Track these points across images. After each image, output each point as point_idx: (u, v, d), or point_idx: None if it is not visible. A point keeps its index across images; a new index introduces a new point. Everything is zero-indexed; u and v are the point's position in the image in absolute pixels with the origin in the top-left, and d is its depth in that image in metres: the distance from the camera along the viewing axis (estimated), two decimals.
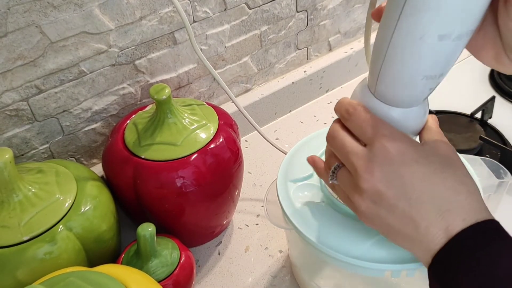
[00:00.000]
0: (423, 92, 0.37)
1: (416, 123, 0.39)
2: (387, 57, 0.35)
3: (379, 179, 0.35)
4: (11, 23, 0.51)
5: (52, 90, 0.57)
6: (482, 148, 0.69)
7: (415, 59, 0.34)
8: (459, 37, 0.32)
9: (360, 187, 0.36)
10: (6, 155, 0.44)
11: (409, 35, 0.33)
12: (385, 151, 0.35)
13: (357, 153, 0.37)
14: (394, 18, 0.33)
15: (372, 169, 0.35)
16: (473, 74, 0.86)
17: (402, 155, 0.35)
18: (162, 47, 0.64)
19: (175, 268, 0.50)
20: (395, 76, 0.36)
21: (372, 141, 0.36)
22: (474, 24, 0.32)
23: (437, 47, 0.33)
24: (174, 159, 0.52)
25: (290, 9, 0.74)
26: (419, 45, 0.33)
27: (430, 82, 0.36)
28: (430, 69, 0.34)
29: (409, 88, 0.36)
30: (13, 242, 0.44)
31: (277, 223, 0.47)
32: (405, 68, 0.35)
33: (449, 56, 0.34)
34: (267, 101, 0.78)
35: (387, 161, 0.35)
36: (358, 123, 0.37)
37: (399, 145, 0.35)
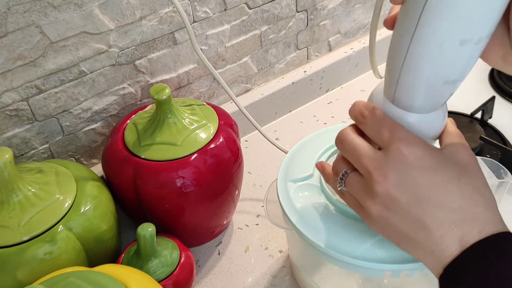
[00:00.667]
0: (444, 97, 0.36)
1: (435, 128, 0.38)
2: (405, 66, 0.34)
3: (393, 183, 0.34)
4: (11, 23, 0.51)
5: (52, 90, 0.57)
6: (482, 148, 0.69)
7: (435, 66, 0.33)
8: (480, 40, 0.32)
9: (373, 191, 0.35)
10: (6, 155, 0.44)
11: (429, 43, 0.32)
12: (401, 155, 0.34)
13: (371, 156, 0.36)
14: (411, 27, 0.32)
15: (387, 172, 0.34)
16: (473, 74, 0.85)
17: (419, 160, 0.34)
18: (162, 47, 0.64)
19: (175, 268, 0.50)
20: (416, 84, 0.35)
21: (388, 144, 0.35)
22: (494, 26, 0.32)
23: (458, 52, 0.32)
24: (174, 159, 0.52)
25: (290, 9, 0.74)
26: (439, 52, 0.32)
27: (451, 86, 0.35)
28: (451, 74, 0.34)
29: (430, 94, 0.35)
30: (13, 242, 0.44)
31: (277, 223, 0.47)
32: (425, 75, 0.34)
33: (470, 60, 0.33)
34: (267, 101, 0.78)
35: (402, 166, 0.34)
36: (374, 126, 0.36)
37: (416, 150, 0.34)
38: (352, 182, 0.38)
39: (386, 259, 0.39)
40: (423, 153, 0.34)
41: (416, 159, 0.34)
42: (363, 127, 0.37)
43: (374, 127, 0.36)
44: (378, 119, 0.36)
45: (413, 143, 0.35)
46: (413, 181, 0.34)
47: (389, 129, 0.35)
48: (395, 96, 0.37)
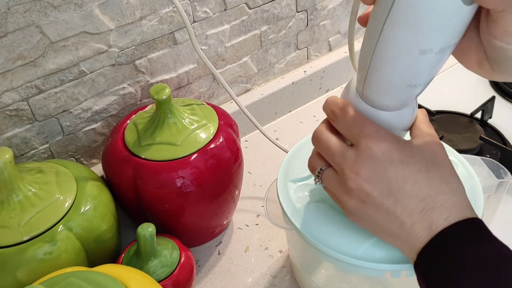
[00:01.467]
0: (409, 98, 0.37)
1: (404, 123, 0.40)
2: (371, 67, 0.35)
3: (365, 179, 0.36)
4: (11, 23, 0.51)
5: (52, 90, 0.57)
6: (482, 148, 0.69)
7: (398, 71, 0.34)
8: (441, 50, 0.32)
9: (347, 187, 0.37)
10: (6, 155, 0.44)
11: (391, 48, 0.33)
12: (370, 151, 0.36)
13: (343, 153, 0.37)
14: (377, 31, 0.33)
15: (358, 169, 0.36)
16: (473, 74, 0.85)
17: (387, 154, 0.36)
18: (162, 47, 0.64)
19: (175, 268, 0.50)
20: (380, 85, 0.36)
21: (357, 141, 0.37)
22: (457, 38, 0.32)
23: (420, 61, 0.33)
24: (174, 159, 0.52)
25: (290, 9, 0.74)
26: (401, 59, 0.33)
27: (416, 89, 0.36)
28: (414, 79, 0.35)
29: (395, 95, 0.37)
30: (13, 242, 0.44)
31: (277, 223, 0.47)
32: (389, 78, 0.35)
33: (433, 67, 0.34)
34: (267, 101, 0.78)
35: (372, 161, 0.36)
36: (344, 123, 0.38)
37: (384, 145, 0.36)
38: (328, 178, 0.40)
39: (386, 259, 0.39)
40: (391, 147, 0.36)
41: (384, 154, 0.36)
42: (335, 125, 0.39)
43: (344, 124, 0.38)
44: (348, 117, 0.38)
45: (381, 139, 0.36)
46: (383, 175, 0.36)
47: (359, 126, 0.37)
48: (363, 92, 0.38)
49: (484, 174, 0.48)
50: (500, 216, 0.54)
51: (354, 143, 0.37)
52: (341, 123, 0.38)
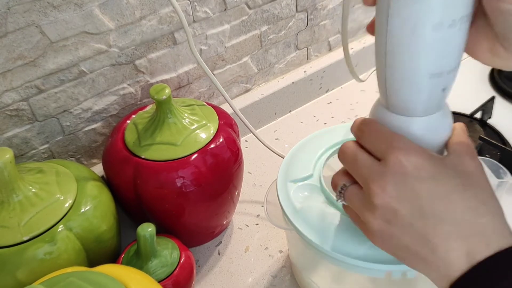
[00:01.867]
0: (435, 94, 0.35)
1: (438, 135, 0.37)
2: (388, 63, 0.34)
3: (392, 195, 0.33)
4: (11, 23, 0.51)
5: (52, 90, 0.57)
6: (482, 148, 0.69)
7: (415, 57, 0.33)
8: (453, 23, 0.31)
9: (372, 203, 0.34)
10: (6, 155, 0.44)
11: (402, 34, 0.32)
12: (400, 165, 0.33)
13: (369, 167, 0.34)
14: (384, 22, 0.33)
15: (386, 184, 0.33)
16: (473, 74, 0.86)
17: (418, 170, 0.32)
18: (162, 47, 0.64)
19: (175, 268, 0.50)
20: (402, 80, 0.34)
21: (386, 155, 0.34)
22: (467, 7, 0.31)
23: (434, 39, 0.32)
24: (174, 159, 0.52)
25: (290, 9, 0.74)
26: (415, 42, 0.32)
27: (440, 80, 0.34)
28: (434, 64, 0.33)
29: (418, 90, 0.34)
30: (13, 242, 0.44)
31: (277, 223, 0.47)
32: (408, 69, 0.33)
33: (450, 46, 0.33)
34: (267, 101, 0.78)
35: (401, 176, 0.33)
36: (372, 138, 0.36)
37: (415, 159, 0.33)
38: (351, 195, 0.37)
39: (386, 259, 0.39)
40: (423, 162, 0.33)
41: (415, 168, 0.33)
42: (362, 142, 0.37)
43: (371, 139, 0.36)
44: (374, 131, 0.36)
45: (412, 153, 0.33)
46: (413, 192, 0.32)
47: (387, 140, 0.34)
48: (388, 100, 0.36)
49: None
50: None
51: (382, 157, 0.34)
52: (368, 138, 0.36)
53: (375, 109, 0.39)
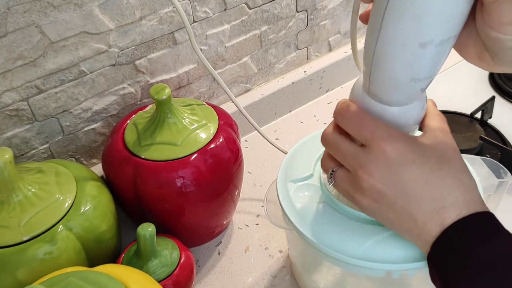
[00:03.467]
0: (414, 93, 0.37)
1: (413, 118, 0.40)
2: (374, 62, 0.35)
3: (378, 180, 0.37)
4: (11, 23, 0.51)
5: (52, 90, 0.57)
6: (482, 148, 0.69)
7: (400, 65, 0.34)
8: (441, 43, 0.32)
9: (360, 186, 0.38)
10: (6, 155, 0.44)
11: (392, 42, 0.33)
12: (383, 153, 0.36)
13: (355, 155, 0.38)
14: (377, 26, 0.33)
15: (371, 170, 0.37)
16: (473, 74, 0.86)
17: (400, 155, 0.36)
18: (162, 47, 0.64)
19: (175, 268, 0.50)
20: (384, 80, 0.36)
21: (370, 143, 0.37)
22: (456, 30, 0.32)
23: (421, 54, 0.33)
24: (174, 159, 0.52)
25: (290, 9, 0.74)
26: (402, 52, 0.33)
27: (420, 83, 0.36)
28: (417, 73, 0.35)
29: (400, 90, 0.37)
30: (13, 242, 0.44)
31: (277, 223, 0.47)
32: (392, 73, 0.35)
33: (435, 61, 0.34)
34: (267, 101, 0.78)
35: (385, 163, 0.36)
36: (354, 125, 0.38)
37: (396, 146, 0.36)
38: (340, 178, 0.40)
39: (386, 258, 0.39)
40: (404, 148, 0.36)
41: (398, 155, 0.36)
42: (344, 127, 0.39)
43: (354, 126, 0.38)
44: (357, 119, 0.38)
45: (393, 140, 0.37)
46: (396, 176, 0.36)
47: (370, 128, 0.37)
48: (369, 89, 0.38)
49: (484, 174, 0.48)
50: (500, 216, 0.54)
51: (366, 145, 0.38)
52: (351, 125, 0.39)
53: (356, 91, 0.40)
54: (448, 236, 0.35)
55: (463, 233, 0.34)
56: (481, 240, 0.34)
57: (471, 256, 0.33)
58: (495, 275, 0.32)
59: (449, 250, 0.34)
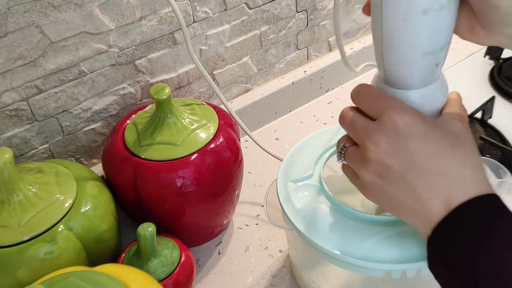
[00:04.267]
0: (430, 69, 0.37)
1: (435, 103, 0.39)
2: (384, 44, 0.36)
3: (385, 150, 0.35)
4: (11, 23, 0.51)
5: (52, 90, 0.57)
6: (482, 148, 0.69)
7: (408, 39, 0.34)
8: (441, 6, 0.33)
9: (366, 158, 0.36)
10: (6, 155, 0.44)
11: (395, 19, 0.34)
12: (393, 123, 0.35)
13: (365, 126, 0.37)
14: (378, 8, 0.34)
15: (379, 140, 0.35)
16: (473, 74, 0.86)
17: (410, 127, 0.35)
18: (162, 47, 0.64)
19: (175, 268, 0.50)
20: (397, 58, 0.36)
21: (380, 114, 0.36)
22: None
23: (424, 22, 0.33)
24: (174, 159, 0.52)
25: (290, 9, 0.74)
26: (407, 25, 0.34)
27: (433, 57, 0.36)
28: (427, 44, 0.35)
29: (414, 67, 0.36)
30: (13, 242, 0.44)
31: (277, 223, 0.47)
32: (403, 50, 0.35)
33: (442, 27, 0.34)
34: (267, 101, 0.78)
35: (394, 133, 0.35)
36: (368, 100, 0.38)
37: (408, 118, 0.35)
38: (349, 154, 0.39)
39: (386, 258, 0.39)
40: (415, 121, 0.35)
41: (407, 126, 0.35)
42: (359, 104, 0.39)
43: (367, 102, 0.38)
44: (371, 94, 0.38)
45: (405, 112, 0.35)
46: (404, 148, 0.35)
47: (382, 100, 0.37)
48: (385, 76, 0.38)
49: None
50: None
51: (377, 117, 0.37)
52: (364, 101, 0.38)
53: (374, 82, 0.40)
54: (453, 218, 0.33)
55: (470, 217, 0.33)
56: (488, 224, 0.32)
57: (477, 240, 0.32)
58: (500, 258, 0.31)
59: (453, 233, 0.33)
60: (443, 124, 0.37)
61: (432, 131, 0.35)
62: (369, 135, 0.36)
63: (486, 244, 0.32)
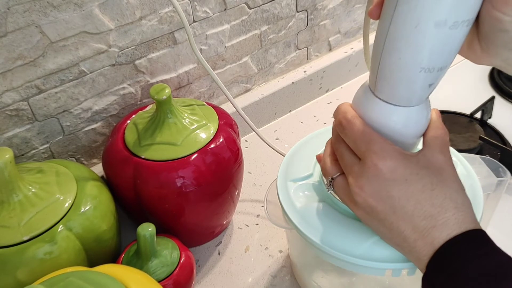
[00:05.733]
0: (422, 87, 0.37)
1: (417, 126, 0.39)
2: (385, 48, 0.35)
3: (369, 194, 0.37)
4: (11, 23, 0.51)
5: (52, 90, 0.57)
6: (482, 148, 0.69)
7: (412, 48, 0.34)
8: (455, 25, 0.32)
9: (354, 199, 0.38)
10: (6, 155, 0.44)
11: (405, 23, 0.33)
12: (376, 168, 0.36)
13: (352, 167, 0.38)
14: (391, 8, 0.33)
15: (363, 184, 0.37)
16: (473, 74, 0.86)
17: (392, 172, 0.36)
18: (162, 47, 0.64)
19: (175, 268, 0.50)
20: (394, 68, 0.36)
21: (364, 157, 0.37)
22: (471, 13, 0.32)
23: (434, 36, 0.33)
24: (174, 159, 0.52)
25: (290, 9, 0.74)
26: (415, 34, 0.33)
27: (429, 76, 0.35)
28: (428, 60, 0.34)
29: (408, 81, 0.36)
30: (13, 242, 0.44)
31: (277, 223, 0.47)
32: (403, 59, 0.35)
33: (447, 46, 0.34)
34: (267, 101, 0.78)
35: (376, 178, 0.36)
36: (352, 138, 0.39)
37: (389, 163, 0.36)
38: (338, 186, 0.41)
39: (386, 258, 0.39)
40: (396, 165, 0.36)
41: (389, 171, 0.36)
42: (343, 137, 0.40)
43: (352, 139, 0.39)
44: (355, 131, 0.38)
45: (387, 156, 0.36)
46: (386, 193, 0.36)
47: (366, 142, 0.37)
48: (376, 84, 0.38)
49: (483, 173, 0.48)
50: (499, 215, 0.54)
51: (361, 158, 0.38)
52: (348, 137, 0.39)
53: (361, 93, 0.40)
54: (440, 256, 0.35)
55: (454, 253, 0.34)
56: (474, 256, 0.33)
57: (461, 278, 0.33)
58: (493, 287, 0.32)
59: (440, 272, 0.34)
60: (425, 159, 0.37)
61: (414, 174, 0.36)
62: (354, 177, 0.38)
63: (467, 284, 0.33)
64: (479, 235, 0.35)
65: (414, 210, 0.36)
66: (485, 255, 0.34)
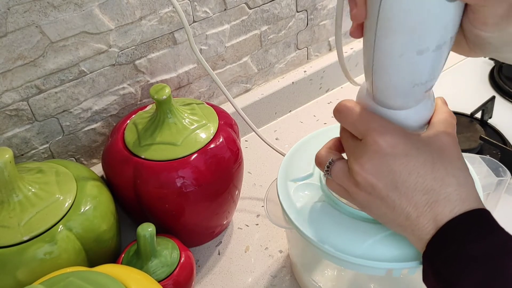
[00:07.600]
0: (419, 96, 0.37)
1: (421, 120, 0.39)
2: (374, 71, 0.36)
3: (370, 172, 0.37)
4: (11, 23, 0.51)
5: (52, 90, 0.57)
6: (482, 148, 0.69)
7: (400, 73, 0.34)
8: (438, 47, 0.33)
9: (355, 180, 0.38)
10: (6, 155, 0.44)
11: (388, 54, 0.33)
12: (376, 144, 0.36)
13: (353, 149, 0.38)
14: (371, 39, 0.34)
15: (364, 162, 0.37)
16: (473, 74, 0.86)
17: (392, 147, 0.36)
18: (162, 47, 0.64)
19: (175, 268, 0.50)
20: (387, 88, 0.36)
21: (364, 136, 0.37)
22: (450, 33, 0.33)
23: (419, 61, 0.33)
24: (174, 159, 0.52)
25: (290, 9, 0.74)
26: (400, 62, 0.33)
27: (423, 87, 0.36)
28: (418, 78, 0.35)
29: (403, 96, 0.37)
30: (13, 242, 0.44)
31: (277, 223, 0.47)
32: (393, 81, 0.35)
33: (435, 65, 0.34)
34: (267, 101, 0.78)
35: (377, 154, 0.36)
36: (351, 121, 0.39)
37: (390, 138, 0.36)
38: (337, 170, 0.40)
39: (387, 257, 0.39)
40: (397, 141, 0.36)
41: (389, 146, 0.36)
42: (343, 123, 0.40)
43: (350, 123, 0.39)
44: (353, 114, 0.39)
45: (387, 132, 0.36)
46: (387, 168, 0.36)
47: (365, 121, 0.38)
48: (374, 96, 0.38)
49: (483, 173, 0.48)
50: (499, 214, 0.54)
51: (361, 138, 0.38)
52: (348, 121, 0.39)
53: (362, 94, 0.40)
54: (441, 235, 0.35)
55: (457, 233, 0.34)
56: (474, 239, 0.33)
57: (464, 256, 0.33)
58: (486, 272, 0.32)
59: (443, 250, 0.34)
60: (428, 139, 0.37)
61: (414, 149, 0.36)
62: (355, 157, 0.38)
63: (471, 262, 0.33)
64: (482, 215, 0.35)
65: (416, 184, 0.35)
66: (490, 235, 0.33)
